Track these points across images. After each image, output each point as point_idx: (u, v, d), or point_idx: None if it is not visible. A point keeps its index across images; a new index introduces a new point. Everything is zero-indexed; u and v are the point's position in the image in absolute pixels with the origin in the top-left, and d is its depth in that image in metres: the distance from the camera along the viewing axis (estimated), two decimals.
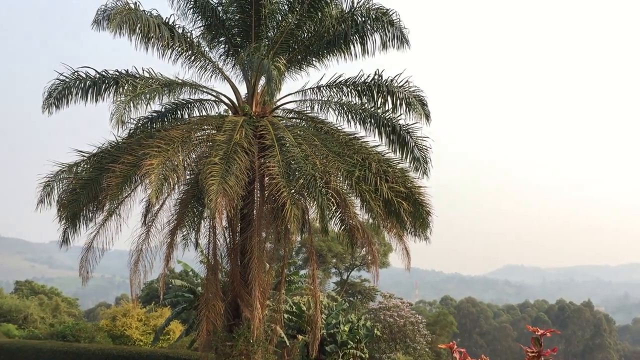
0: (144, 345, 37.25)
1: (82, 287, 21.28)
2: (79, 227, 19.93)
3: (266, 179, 18.58)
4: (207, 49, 20.82)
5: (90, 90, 19.08)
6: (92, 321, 54.31)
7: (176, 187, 18.78)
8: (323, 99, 20.48)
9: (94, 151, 19.61)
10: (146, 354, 29.47)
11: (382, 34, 19.59)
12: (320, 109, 20.56)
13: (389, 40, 19.58)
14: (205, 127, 19.40)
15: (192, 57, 20.53)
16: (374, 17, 19.51)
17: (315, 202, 16.70)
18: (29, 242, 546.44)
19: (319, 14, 20.03)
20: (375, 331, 34.70)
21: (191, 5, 20.23)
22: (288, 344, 29.61)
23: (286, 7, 20.24)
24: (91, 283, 19.89)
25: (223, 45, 20.86)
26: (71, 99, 19.06)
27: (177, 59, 20.30)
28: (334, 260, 60.83)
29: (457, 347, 4.98)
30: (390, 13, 19.30)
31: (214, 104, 20.99)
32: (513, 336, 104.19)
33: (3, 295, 56.91)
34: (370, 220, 20.20)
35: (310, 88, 20.39)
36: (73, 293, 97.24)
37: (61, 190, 19.45)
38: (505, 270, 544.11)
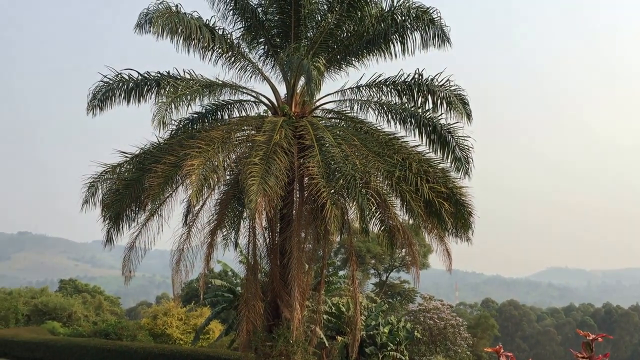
0: (184, 344, 37.64)
1: (123, 286, 21.57)
2: (122, 227, 20.21)
3: (306, 179, 18.57)
4: (246, 50, 20.93)
5: (132, 92, 19.35)
6: (133, 320, 55.11)
7: (216, 187, 18.90)
8: (362, 98, 20.38)
9: (137, 152, 19.87)
10: (187, 353, 29.74)
11: (422, 32, 19.41)
12: (360, 109, 20.48)
13: (429, 39, 19.40)
14: (245, 127, 19.48)
15: (232, 58, 20.65)
16: (414, 15, 19.35)
17: (355, 203, 16.62)
18: (72, 242, 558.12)
19: (359, 13, 19.94)
20: (416, 333, 34.40)
21: (231, 7, 20.34)
22: (327, 345, 29.56)
23: (325, 7, 20.20)
24: (132, 282, 20.18)
25: (262, 46, 20.93)
26: (114, 101, 19.34)
27: (218, 60, 20.45)
28: (373, 261, 60.61)
29: (503, 350, 4.85)
30: (431, 11, 19.12)
31: (254, 105, 21.09)
32: (557, 340, 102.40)
33: (48, 293, 58.12)
34: (411, 221, 20.03)
35: (350, 88, 20.32)
36: (115, 292, 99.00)
37: (105, 190, 19.76)
38: (548, 272, 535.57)
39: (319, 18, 20.14)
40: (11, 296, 51.28)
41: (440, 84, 19.13)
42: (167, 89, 18.70)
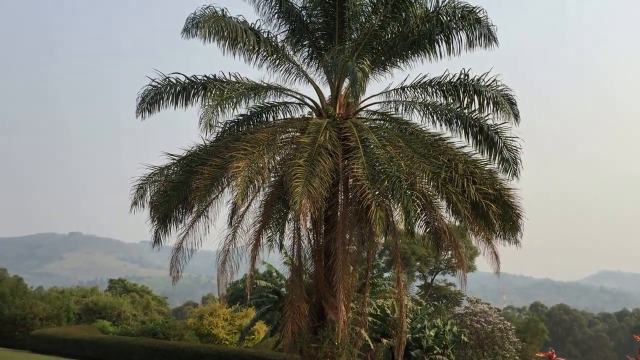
0: (230, 344, 38.00)
1: (170, 286, 21.88)
2: (169, 227, 20.51)
3: (350, 180, 18.52)
4: (291, 52, 21.00)
5: (180, 95, 19.62)
6: (180, 319, 55.88)
7: (261, 188, 18.98)
8: (407, 99, 20.23)
9: (184, 154, 20.14)
10: (233, 353, 30.02)
11: (468, 32, 19.17)
12: (405, 110, 20.31)
13: (475, 39, 19.14)
14: (290, 129, 19.56)
15: (277, 61, 20.76)
16: (459, 15, 19.14)
17: (399, 204, 16.53)
18: (121, 242, 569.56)
19: (403, 14, 19.81)
20: (462, 337, 34.05)
21: (276, 11, 20.46)
22: (372, 347, 29.43)
23: (370, 8, 20.14)
24: (179, 282, 20.45)
25: (307, 49, 20.98)
26: (162, 104, 19.65)
27: (263, 63, 20.57)
28: (418, 263, 60.23)
29: (556, 356, 4.74)
30: (477, 11, 18.88)
31: (298, 107, 21.14)
32: (610, 346, 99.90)
33: (98, 292, 59.42)
34: (457, 223, 19.81)
35: (394, 89, 20.20)
36: (162, 292, 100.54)
37: (153, 192, 20.09)
38: (600, 276, 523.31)
39: (363, 20, 20.08)
40: (63, 295, 52.58)
41: (487, 84, 18.87)
42: (213, 92, 18.92)
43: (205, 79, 19.63)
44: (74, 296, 53.29)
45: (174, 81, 19.60)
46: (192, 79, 19.67)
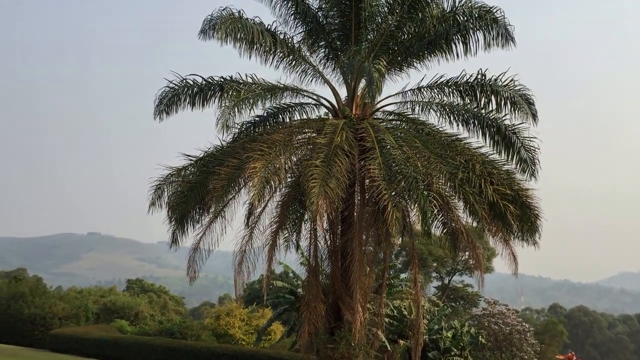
0: (247, 344, 38.08)
1: (187, 286, 21.98)
2: (187, 228, 20.61)
3: (367, 181, 18.49)
4: (307, 53, 21.02)
5: (197, 97, 19.71)
6: (197, 319, 56.10)
7: (278, 189, 19.02)
8: (424, 100, 20.17)
9: (201, 155, 20.22)
10: (249, 354, 30.09)
11: (485, 32, 19.10)
12: (421, 111, 20.25)
13: (492, 39, 19.06)
14: (306, 130, 19.57)
15: (293, 62, 20.80)
16: (476, 15, 19.06)
17: (416, 205, 16.47)
18: (139, 243, 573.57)
19: (420, 14, 19.76)
20: (480, 338, 33.86)
21: (292, 12, 20.49)
22: (389, 348, 29.36)
23: (386, 9, 20.11)
24: (196, 282, 20.56)
25: (323, 50, 20.99)
26: (180, 105, 19.75)
27: (279, 64, 20.61)
28: (435, 264, 60.05)
29: (576, 358, 4.68)
30: (494, 11, 18.80)
31: (315, 108, 21.15)
32: (631, 349, 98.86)
33: (116, 292, 59.80)
34: (474, 224, 19.72)
35: (411, 89, 20.16)
36: (179, 292, 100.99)
37: (170, 193, 20.20)
38: (620, 277, 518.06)
39: (380, 20, 20.05)
40: (82, 295, 52.96)
41: (504, 84, 18.77)
42: (230, 93, 19.00)
43: (222, 80, 19.70)
44: (92, 296, 53.68)
45: (191, 82, 19.69)
46: (209, 80, 19.75)
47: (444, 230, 20.25)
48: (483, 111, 19.27)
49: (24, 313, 41.36)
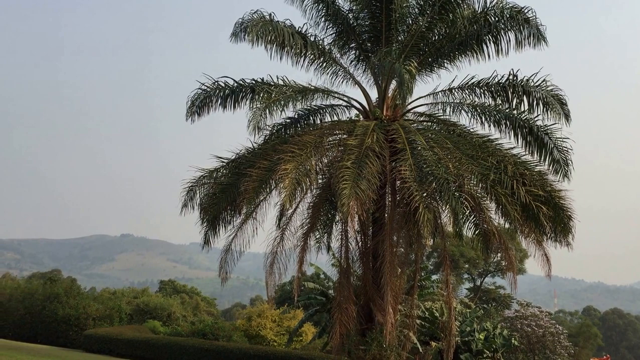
0: (278, 345, 38.19)
1: (218, 288, 22.13)
2: (219, 229, 20.79)
3: (398, 182, 18.48)
4: (338, 55, 21.10)
5: (228, 99, 19.90)
6: (228, 321, 56.42)
7: (309, 191, 19.07)
8: (455, 101, 20.10)
9: (232, 157, 20.40)
10: (281, 355, 30.13)
11: (517, 32, 18.99)
12: (453, 112, 20.19)
13: (524, 39, 18.95)
14: (337, 131, 19.61)
15: (324, 64, 20.88)
16: (508, 15, 18.97)
17: (448, 206, 16.41)
18: (171, 244, 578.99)
19: (450, 15, 19.71)
20: (513, 341, 33.51)
21: (323, 14, 20.58)
22: (421, 350, 29.22)
23: (417, 10, 20.09)
24: (227, 284, 20.70)
25: (354, 51, 21.04)
26: (211, 107, 19.96)
27: (310, 66, 20.73)
28: (467, 265, 59.64)
29: None
30: (526, 10, 18.68)
31: (345, 109, 21.21)
32: None
33: (149, 293, 60.30)
34: (507, 225, 19.57)
35: (442, 90, 20.11)
36: (210, 293, 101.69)
37: (202, 194, 20.41)
38: None
39: (410, 21, 20.04)
40: (115, 296, 53.55)
41: (536, 84, 18.63)
42: (261, 95, 19.14)
43: (254, 82, 19.85)
44: (125, 297, 54.15)
45: (223, 85, 19.89)
46: (241, 82, 19.92)
47: (476, 232, 20.13)
48: (515, 112, 19.15)
49: (59, 314, 41.94)
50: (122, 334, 36.91)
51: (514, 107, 19.25)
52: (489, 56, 19.76)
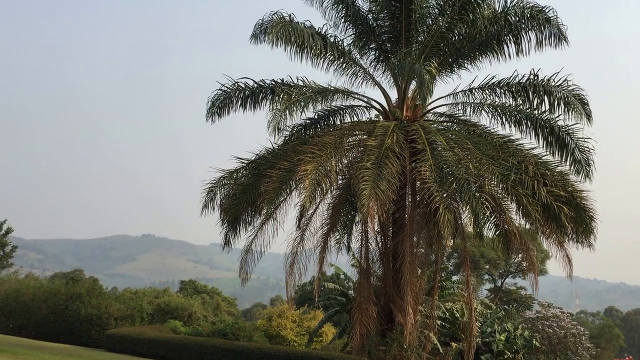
0: (298, 346, 38.28)
1: (239, 288, 22.21)
2: (239, 230, 20.91)
3: (418, 183, 18.46)
4: (357, 56, 21.10)
5: (248, 100, 19.98)
6: (249, 321, 56.62)
7: (329, 191, 19.10)
8: (475, 101, 20.04)
9: (252, 158, 20.49)
10: (301, 355, 30.22)
11: (537, 32, 18.89)
12: (473, 112, 20.13)
13: (545, 39, 18.84)
14: (357, 132, 19.62)
15: (344, 65, 20.90)
16: (528, 15, 18.87)
17: (468, 207, 16.35)
18: (192, 244, 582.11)
19: (470, 15, 19.63)
20: (534, 342, 33.27)
21: (342, 15, 20.60)
22: (442, 351, 29.14)
23: (436, 10, 20.04)
24: (247, 284, 20.79)
25: (373, 52, 21.03)
26: (232, 108, 20.06)
27: (329, 67, 20.74)
28: (487, 266, 59.37)
29: None
30: (547, 10, 18.57)
31: (365, 110, 21.21)
32: None
33: (170, 293, 60.68)
34: (527, 226, 19.47)
35: (462, 91, 20.05)
36: (231, 293, 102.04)
37: (223, 195, 20.53)
38: None
39: (430, 22, 20.00)
40: (136, 295, 53.97)
41: (558, 84, 18.52)
42: (281, 96, 19.18)
43: (273, 83, 19.91)
44: (146, 297, 54.49)
45: (243, 86, 19.98)
46: (261, 83, 19.99)
47: (497, 232, 20.06)
48: (536, 112, 19.05)
49: (81, 313, 42.39)
50: (144, 333, 37.24)
51: (534, 107, 19.14)
52: (509, 56, 19.68)
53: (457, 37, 20.17)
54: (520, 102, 19.42)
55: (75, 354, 30.79)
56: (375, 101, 20.63)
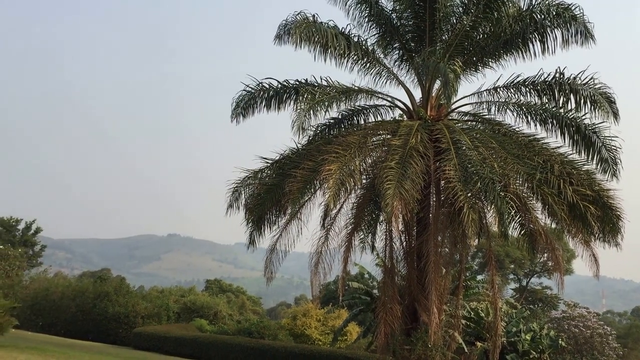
0: (323, 344, 38.37)
1: (263, 287, 22.30)
2: (264, 229, 21.01)
3: (442, 182, 18.42)
4: (381, 55, 21.10)
5: (272, 100, 20.10)
6: (273, 319, 56.83)
7: (353, 191, 19.13)
8: (500, 100, 19.94)
9: (277, 158, 20.60)
10: (326, 354, 30.33)
11: (563, 30, 18.73)
12: (498, 111, 20.03)
13: (571, 37, 18.68)
14: (381, 132, 19.62)
15: (367, 65, 20.91)
16: (554, 13, 18.73)
17: (493, 206, 16.28)
18: (216, 244, 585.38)
19: (495, 14, 19.56)
20: (560, 341, 32.98)
21: (366, 15, 20.63)
22: (466, 350, 29.04)
23: (461, 9, 19.98)
24: (272, 283, 20.87)
25: (397, 51, 21.02)
26: (256, 108, 20.19)
27: (353, 66, 20.75)
28: (512, 265, 58.94)
29: None
30: (573, 8, 18.42)
31: (389, 109, 21.21)
32: None
33: (196, 292, 61.09)
34: (553, 225, 19.33)
35: (487, 90, 19.97)
36: (255, 292, 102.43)
37: (247, 195, 20.66)
38: None
39: (454, 20, 19.94)
40: (162, 294, 54.40)
41: (584, 82, 18.37)
42: (305, 96, 19.26)
43: (297, 83, 20.00)
44: (172, 296, 54.91)
45: (267, 86, 20.09)
46: (285, 83, 20.09)
47: (522, 232, 19.94)
48: (562, 110, 18.89)
49: (109, 312, 42.88)
50: (170, 332, 37.60)
51: (560, 105, 18.98)
52: (534, 54, 19.53)
53: (481, 36, 20.10)
54: (546, 100, 19.28)
55: (104, 351, 31.20)
56: (399, 100, 20.64)
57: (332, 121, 21.16)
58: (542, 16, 18.92)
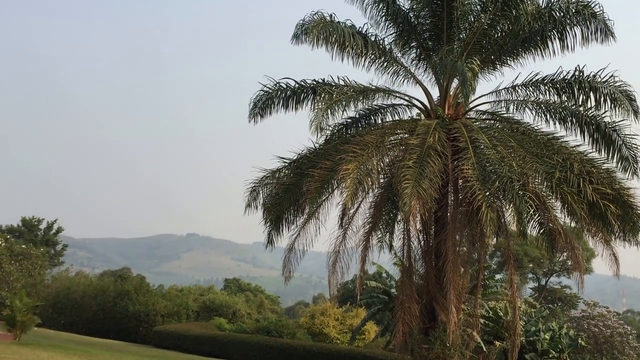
0: (341, 343, 38.39)
1: (282, 286, 22.37)
2: (282, 229, 21.07)
3: (460, 181, 18.38)
4: (399, 54, 21.07)
5: (290, 100, 20.14)
6: (292, 318, 56.94)
7: (370, 190, 19.10)
8: (518, 98, 19.83)
9: (294, 157, 20.64)
10: (344, 352, 30.34)
11: (583, 27, 18.60)
12: (516, 109, 19.92)
13: (591, 34, 18.54)
14: (398, 131, 19.58)
15: (385, 64, 20.89)
16: (573, 10, 18.60)
17: (511, 205, 16.18)
18: (235, 243, 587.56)
19: (514, 11, 19.46)
20: (580, 341, 32.77)
21: (383, 14, 20.60)
22: (485, 349, 28.94)
23: (478, 7, 19.91)
24: (290, 282, 20.92)
25: (414, 50, 20.98)
26: (273, 108, 20.24)
27: (371, 66, 20.75)
28: (531, 264, 58.58)
29: None
30: (593, 5, 18.27)
31: (407, 108, 21.18)
32: None
33: (215, 291, 61.39)
34: (572, 224, 19.20)
35: (505, 88, 19.89)
36: (274, 291, 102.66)
37: (265, 194, 20.72)
38: None
39: (472, 19, 19.86)
40: (182, 293, 54.70)
41: (604, 80, 18.21)
42: (322, 96, 19.28)
43: (315, 83, 20.01)
44: (192, 294, 55.20)
45: (284, 86, 20.14)
46: (302, 83, 20.12)
47: (541, 231, 19.81)
48: (581, 109, 18.77)
49: (129, 310, 43.19)
50: (190, 330, 37.80)
51: (580, 103, 18.85)
52: (553, 52, 19.42)
53: (499, 34, 20.00)
54: (565, 98, 19.15)
55: (125, 350, 31.48)
56: (417, 99, 20.60)
57: (349, 120, 21.17)
58: (562, 14, 18.79)
